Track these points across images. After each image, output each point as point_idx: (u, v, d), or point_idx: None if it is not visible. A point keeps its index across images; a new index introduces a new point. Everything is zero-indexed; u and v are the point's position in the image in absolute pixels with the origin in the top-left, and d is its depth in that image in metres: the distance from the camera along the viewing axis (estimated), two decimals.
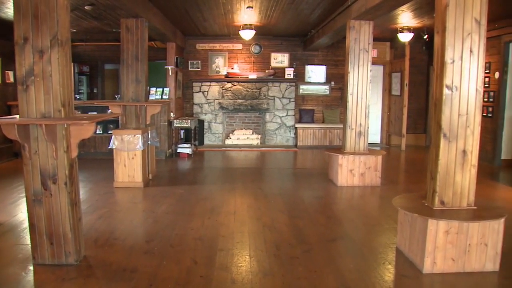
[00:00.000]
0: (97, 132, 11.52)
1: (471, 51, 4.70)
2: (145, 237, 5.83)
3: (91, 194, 8.02)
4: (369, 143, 9.53)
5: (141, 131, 8.33)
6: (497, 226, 4.79)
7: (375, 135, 15.50)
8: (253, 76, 14.34)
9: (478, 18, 4.69)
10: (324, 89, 14.98)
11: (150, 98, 11.99)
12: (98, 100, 13.26)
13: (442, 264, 4.72)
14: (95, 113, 10.70)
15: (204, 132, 14.49)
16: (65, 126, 4.57)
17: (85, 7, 8.59)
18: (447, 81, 4.68)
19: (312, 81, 14.96)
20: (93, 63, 15.09)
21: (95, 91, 15.34)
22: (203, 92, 14.46)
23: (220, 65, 14.65)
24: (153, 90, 12.23)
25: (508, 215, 4.95)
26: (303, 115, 14.80)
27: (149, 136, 8.83)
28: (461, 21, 4.65)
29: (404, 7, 9.24)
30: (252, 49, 14.70)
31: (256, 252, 5.29)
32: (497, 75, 11.32)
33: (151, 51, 10.36)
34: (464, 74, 4.71)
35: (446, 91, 4.70)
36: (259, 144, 14.39)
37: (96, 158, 11.43)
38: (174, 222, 6.40)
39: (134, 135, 8.27)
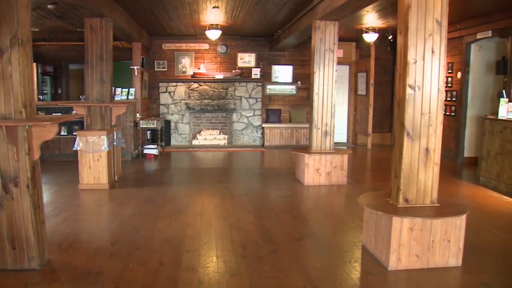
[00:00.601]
0: (62, 134, 11.33)
1: (432, 51, 4.79)
2: (110, 239, 5.76)
3: (55, 196, 7.88)
4: (335, 143, 9.63)
5: (106, 132, 8.24)
6: (459, 222, 4.89)
7: (341, 135, 15.66)
8: (219, 76, 14.32)
9: (439, 19, 4.78)
10: (291, 89, 15.07)
11: (116, 98, 11.87)
12: (62, 101, 13.07)
13: (407, 260, 4.80)
14: (60, 114, 10.54)
15: (171, 133, 14.40)
16: (27, 127, 4.48)
17: (48, 6, 8.44)
18: (410, 80, 4.76)
19: (279, 81, 15.02)
20: (57, 63, 14.83)
21: (59, 91, 15.07)
22: (169, 92, 14.38)
23: (187, 65, 14.58)
24: (118, 90, 12.11)
25: (469, 211, 5.06)
26: (270, 115, 14.85)
27: (115, 137, 8.74)
28: (423, 22, 4.74)
29: (369, 8, 9.35)
30: (219, 49, 14.68)
31: (223, 252, 5.29)
32: (459, 75, 11.55)
33: (116, 51, 10.24)
34: (426, 74, 4.80)
35: (409, 90, 4.78)
36: (226, 144, 14.38)
37: (60, 160, 11.24)
38: (140, 223, 6.34)
39: (99, 136, 8.17)
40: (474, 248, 5.43)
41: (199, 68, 14.39)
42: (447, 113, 12.03)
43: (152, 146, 12.24)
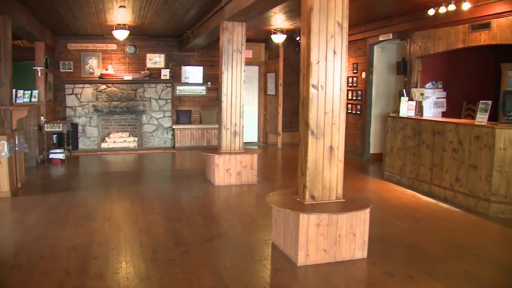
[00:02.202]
0: None
1: (334, 52, 4.95)
2: (13, 250, 5.48)
3: None
4: (247, 142, 9.74)
5: (7, 137, 7.83)
6: (364, 216, 5.11)
7: (252, 134, 15.80)
8: (128, 77, 14.03)
9: (340, 22, 4.95)
10: (201, 90, 15.03)
11: (18, 101, 11.29)
12: None
13: (315, 255, 4.94)
14: None
15: (79, 136, 13.92)
16: None
17: None
18: (313, 81, 4.89)
19: (189, 82, 14.93)
20: None
21: None
22: (76, 94, 13.90)
23: (94, 66, 14.15)
24: (20, 92, 11.50)
25: (374, 205, 5.29)
26: (180, 116, 14.74)
27: (17, 142, 8.33)
28: (325, 24, 4.88)
29: (276, 10, 9.48)
30: (127, 49, 14.37)
31: (132, 257, 5.19)
32: (363, 75, 12.00)
33: (17, 51, 9.79)
34: (329, 74, 4.95)
35: (312, 90, 4.91)
36: (136, 146, 14.12)
37: None
38: (45, 232, 6.08)
39: None
40: (378, 240, 5.68)
41: (107, 69, 14.02)
42: (353, 112, 12.47)
43: (58, 150, 11.79)
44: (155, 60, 14.63)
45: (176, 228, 6.27)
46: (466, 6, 7.80)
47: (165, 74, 14.38)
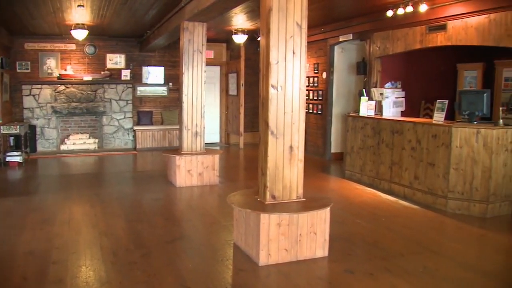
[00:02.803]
0: None
1: (293, 52, 4.98)
2: None
3: None
4: (209, 143, 9.70)
5: None
6: (324, 215, 5.15)
7: (214, 135, 15.76)
8: (88, 78, 13.80)
9: (299, 22, 4.98)
10: (162, 90, 14.90)
11: None
12: None
13: (277, 255, 4.96)
14: None
15: (37, 138, 13.62)
16: None
17: None
18: (272, 81, 4.92)
19: (149, 83, 14.78)
20: None
21: None
22: (34, 95, 13.60)
23: (52, 67, 13.86)
24: None
25: (335, 204, 5.35)
26: (142, 117, 14.60)
27: None
28: (284, 25, 4.91)
29: (236, 10, 9.48)
30: (86, 49, 14.14)
31: (92, 261, 5.11)
32: (324, 75, 12.10)
33: None
34: (288, 74, 4.98)
35: (272, 90, 4.93)
36: (96, 148, 13.91)
37: None
38: (1, 237, 5.93)
39: None
40: (339, 238, 5.75)
41: (65, 70, 13.75)
42: (314, 112, 12.57)
43: (15, 153, 11.51)
44: (116, 60, 14.44)
45: (137, 230, 6.21)
46: (423, 8, 7.95)
47: (126, 74, 14.21)
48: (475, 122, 7.06)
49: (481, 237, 6.23)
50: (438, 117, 7.68)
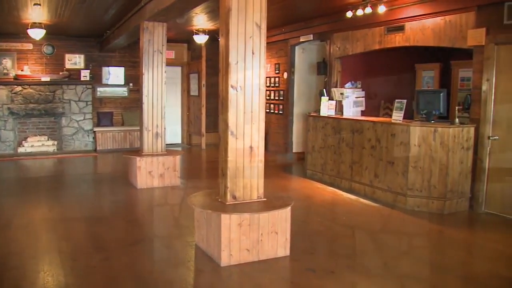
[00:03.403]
0: None
1: (253, 52, 5.00)
2: None
3: None
4: (171, 144, 9.64)
5: None
6: (285, 214, 5.18)
7: (176, 136, 15.66)
8: (46, 78, 13.51)
9: (259, 23, 5.00)
10: (123, 91, 14.71)
11: None
12: None
13: (238, 255, 4.95)
14: None
15: None
16: None
17: None
18: (232, 81, 4.92)
19: (109, 83, 14.58)
20: None
21: None
22: None
23: (8, 67, 13.53)
24: None
25: (296, 203, 5.38)
26: (102, 118, 14.39)
27: None
28: (243, 25, 4.92)
29: (197, 10, 9.45)
30: (44, 49, 13.85)
31: (50, 266, 5.02)
32: (285, 75, 12.17)
33: None
34: (248, 74, 4.99)
35: (231, 90, 4.93)
36: (55, 150, 13.64)
37: None
38: None
39: None
40: (301, 237, 5.78)
41: (22, 70, 13.43)
42: (276, 112, 12.63)
43: None
44: (75, 60, 14.19)
45: (98, 234, 6.12)
46: (381, 9, 8.07)
47: (85, 75, 13.96)
48: (433, 121, 7.21)
49: (439, 233, 6.36)
50: (397, 116, 7.82)
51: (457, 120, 7.13)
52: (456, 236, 6.20)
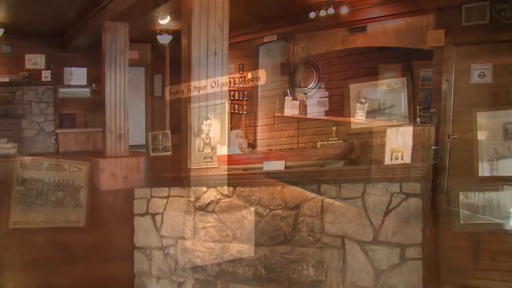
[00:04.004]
0: None
1: (215, 53, 4.98)
2: None
3: None
4: (135, 145, 9.53)
5: None
6: None
7: (140, 137, 15.47)
8: (5, 79, 13.18)
9: (221, 24, 5.01)
10: (85, 92, 14.46)
11: None
12: None
13: None
14: None
15: None
16: None
17: None
18: (193, 81, 4.90)
19: (72, 84, 14.32)
20: None
21: None
22: None
23: None
24: None
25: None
26: (64, 119, 14.11)
27: None
28: (206, 26, 4.91)
29: (159, 10, 9.36)
30: (3, 49, 13.50)
31: None
32: (249, 75, 12.13)
33: None
34: (210, 74, 4.97)
35: (193, 91, 4.91)
36: (16, 153, 13.35)
37: None
38: None
39: None
40: None
41: None
42: (240, 112, 12.59)
43: None
44: (35, 60, 13.88)
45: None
46: (344, 10, 8.14)
47: (46, 75, 13.68)
48: (395, 121, 7.31)
49: None
50: (360, 116, 7.90)
51: (418, 119, 7.25)
52: None
